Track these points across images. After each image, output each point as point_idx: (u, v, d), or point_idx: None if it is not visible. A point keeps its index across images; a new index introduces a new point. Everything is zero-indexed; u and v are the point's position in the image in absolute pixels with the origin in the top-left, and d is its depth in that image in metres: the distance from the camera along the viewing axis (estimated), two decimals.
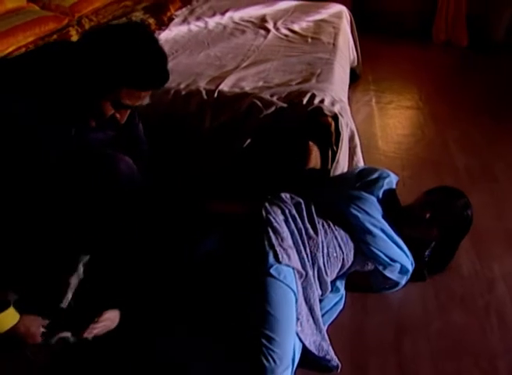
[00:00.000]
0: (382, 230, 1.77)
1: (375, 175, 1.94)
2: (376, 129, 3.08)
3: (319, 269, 1.66)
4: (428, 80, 3.87)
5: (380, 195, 1.88)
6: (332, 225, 1.74)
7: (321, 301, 1.72)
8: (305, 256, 1.63)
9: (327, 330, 1.66)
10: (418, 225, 1.88)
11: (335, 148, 2.03)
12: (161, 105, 2.12)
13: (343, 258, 1.73)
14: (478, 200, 2.23)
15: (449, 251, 1.96)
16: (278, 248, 1.55)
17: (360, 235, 1.75)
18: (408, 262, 1.82)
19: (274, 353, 1.40)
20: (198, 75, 2.29)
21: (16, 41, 2.72)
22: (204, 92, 2.14)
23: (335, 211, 1.79)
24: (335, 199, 1.83)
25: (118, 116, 1.42)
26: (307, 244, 1.66)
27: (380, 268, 1.78)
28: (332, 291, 1.77)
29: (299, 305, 1.56)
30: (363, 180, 1.93)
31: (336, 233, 1.73)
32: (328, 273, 1.69)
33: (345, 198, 1.82)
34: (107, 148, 1.62)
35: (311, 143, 1.98)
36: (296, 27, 3.03)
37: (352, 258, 1.76)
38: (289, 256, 1.56)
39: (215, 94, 2.13)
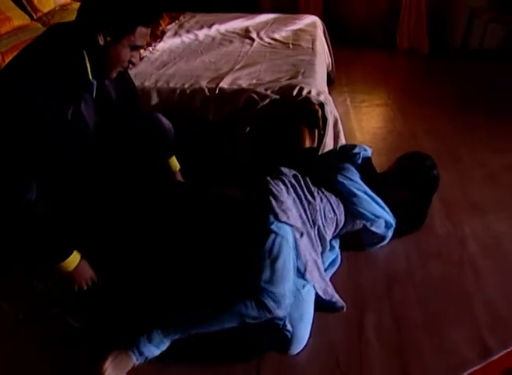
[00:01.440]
0: (365, 193, 2.07)
1: (356, 150, 2.24)
2: (353, 123, 3.43)
3: (319, 228, 1.94)
4: (395, 82, 4.26)
5: (359, 164, 2.20)
6: (325, 192, 2.03)
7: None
8: (305, 218, 1.91)
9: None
10: (391, 188, 2.18)
11: (322, 131, 2.35)
12: (169, 103, 2.42)
13: (337, 219, 2.02)
14: (445, 177, 2.58)
15: (423, 208, 2.25)
16: (277, 210, 1.80)
17: (347, 198, 2.04)
18: (390, 218, 2.12)
19: (273, 294, 1.61)
20: (199, 77, 2.59)
21: None
22: (206, 90, 2.44)
23: (326, 180, 2.08)
24: (325, 171, 2.13)
25: (133, 59, 1.62)
26: (307, 208, 1.94)
27: (368, 224, 2.07)
28: (329, 249, 2.06)
29: (303, 257, 1.81)
30: (345, 153, 2.24)
31: (329, 198, 2.02)
32: (327, 231, 1.98)
33: (333, 169, 2.12)
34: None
35: (303, 127, 2.29)
36: (277, 36, 3.37)
37: (343, 219, 2.05)
38: (287, 216, 1.80)
39: (217, 91, 2.44)
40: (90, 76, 1.60)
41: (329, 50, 3.74)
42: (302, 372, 1.68)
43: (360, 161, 2.20)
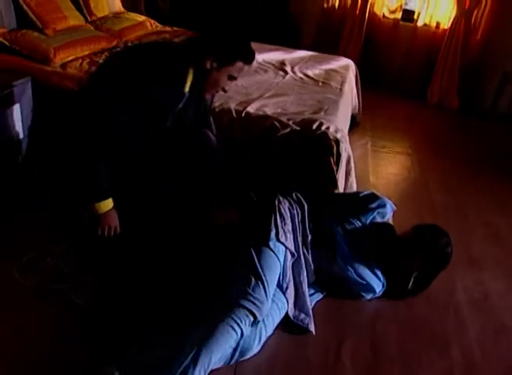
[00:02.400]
0: (358, 257, 2.14)
1: (374, 204, 2.29)
2: (369, 167, 3.54)
3: (306, 258, 2.07)
4: (419, 134, 4.36)
5: (367, 222, 2.26)
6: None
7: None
8: (299, 243, 2.03)
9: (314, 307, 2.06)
10: (404, 256, 2.21)
11: (335, 166, 2.48)
12: None
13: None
14: (449, 231, 2.67)
15: (428, 281, 2.25)
16: (280, 229, 1.93)
17: (340, 253, 2.14)
18: (376, 285, 2.17)
19: (256, 300, 1.75)
20: (229, 98, 2.77)
21: (75, 53, 3.25)
22: (234, 111, 2.62)
23: (328, 230, 2.18)
24: (334, 216, 2.22)
25: (226, 87, 1.98)
26: (301, 235, 2.06)
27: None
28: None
29: (288, 278, 1.94)
30: (362, 203, 2.31)
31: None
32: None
33: (340, 218, 2.21)
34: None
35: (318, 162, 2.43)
36: (309, 73, 3.54)
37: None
38: (286, 237, 1.94)
39: (243, 114, 2.61)
40: (186, 90, 1.95)
41: (358, 93, 3.89)
42: None
43: (369, 219, 2.24)
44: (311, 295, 2.10)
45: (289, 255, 1.96)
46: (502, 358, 2.03)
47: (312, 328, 1.96)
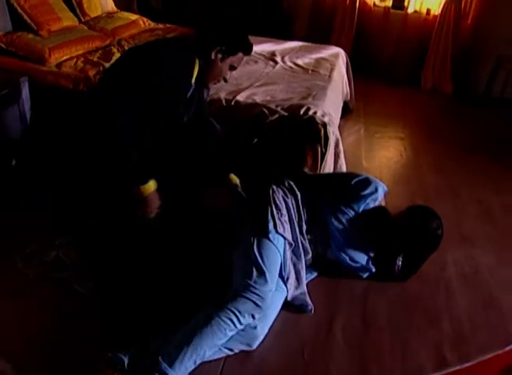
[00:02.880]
0: (352, 242, 2.18)
1: (367, 191, 2.24)
2: (362, 151, 3.60)
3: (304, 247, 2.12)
4: (413, 119, 4.40)
5: (360, 210, 2.25)
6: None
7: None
8: (297, 232, 2.07)
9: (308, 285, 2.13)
10: (396, 236, 2.23)
11: (323, 149, 2.55)
12: None
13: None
14: (442, 209, 2.72)
15: (418, 262, 2.28)
16: (277, 220, 1.97)
17: (333, 238, 2.19)
18: (367, 265, 2.23)
19: (259, 291, 1.80)
20: (219, 89, 2.83)
21: (69, 52, 3.33)
22: (224, 100, 2.68)
23: (322, 216, 2.21)
24: (327, 204, 2.22)
25: (227, 76, 2.14)
26: (298, 222, 2.10)
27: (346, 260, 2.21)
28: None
29: (288, 267, 2.00)
30: (356, 192, 2.27)
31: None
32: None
33: (333, 208, 2.21)
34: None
35: (307, 144, 2.50)
36: (299, 62, 3.61)
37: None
38: (284, 228, 1.99)
39: (232, 103, 2.68)
40: (193, 81, 2.06)
41: (350, 80, 3.94)
42: (268, 356, 1.85)
43: (362, 207, 2.24)
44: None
45: (287, 246, 2.01)
46: (490, 330, 2.09)
47: (311, 307, 2.04)
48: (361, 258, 2.22)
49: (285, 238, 1.99)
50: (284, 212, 2.04)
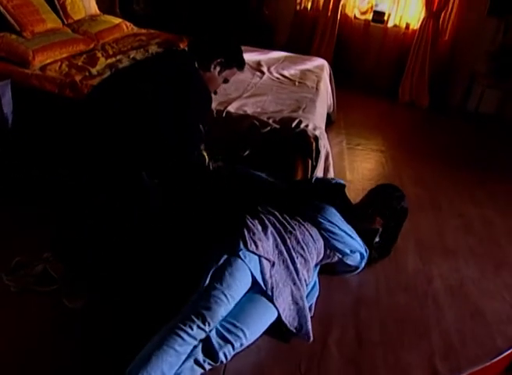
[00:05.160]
0: (343, 231, 2.23)
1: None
2: (345, 163, 3.65)
3: (302, 256, 2.08)
4: (392, 131, 4.49)
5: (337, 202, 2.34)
6: (307, 225, 2.18)
7: None
8: (284, 249, 2.04)
9: None
10: (364, 219, 2.37)
11: (314, 163, 2.57)
12: None
13: (317, 250, 2.17)
14: (423, 222, 2.84)
15: (393, 236, 2.44)
16: (248, 239, 1.93)
17: (326, 234, 2.20)
18: (363, 250, 2.30)
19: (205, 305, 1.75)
20: None
21: (54, 55, 3.27)
22: (215, 111, 2.67)
23: (310, 218, 2.23)
24: (310, 209, 2.27)
25: (217, 89, 2.28)
26: (287, 239, 2.06)
27: (344, 259, 2.24)
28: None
29: (270, 285, 1.91)
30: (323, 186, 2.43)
31: (310, 231, 2.16)
32: (309, 256, 2.11)
33: (316, 209, 2.27)
34: None
35: (298, 157, 2.51)
36: (286, 73, 3.64)
37: (323, 252, 2.21)
38: (256, 246, 1.93)
39: (224, 114, 2.68)
40: None
41: (333, 92, 4.00)
42: (266, 369, 1.85)
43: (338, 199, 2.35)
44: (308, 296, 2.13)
45: (265, 262, 1.95)
46: (478, 340, 2.14)
47: (311, 335, 1.97)
48: (356, 247, 2.25)
49: (259, 256, 1.94)
50: (256, 230, 2.00)
